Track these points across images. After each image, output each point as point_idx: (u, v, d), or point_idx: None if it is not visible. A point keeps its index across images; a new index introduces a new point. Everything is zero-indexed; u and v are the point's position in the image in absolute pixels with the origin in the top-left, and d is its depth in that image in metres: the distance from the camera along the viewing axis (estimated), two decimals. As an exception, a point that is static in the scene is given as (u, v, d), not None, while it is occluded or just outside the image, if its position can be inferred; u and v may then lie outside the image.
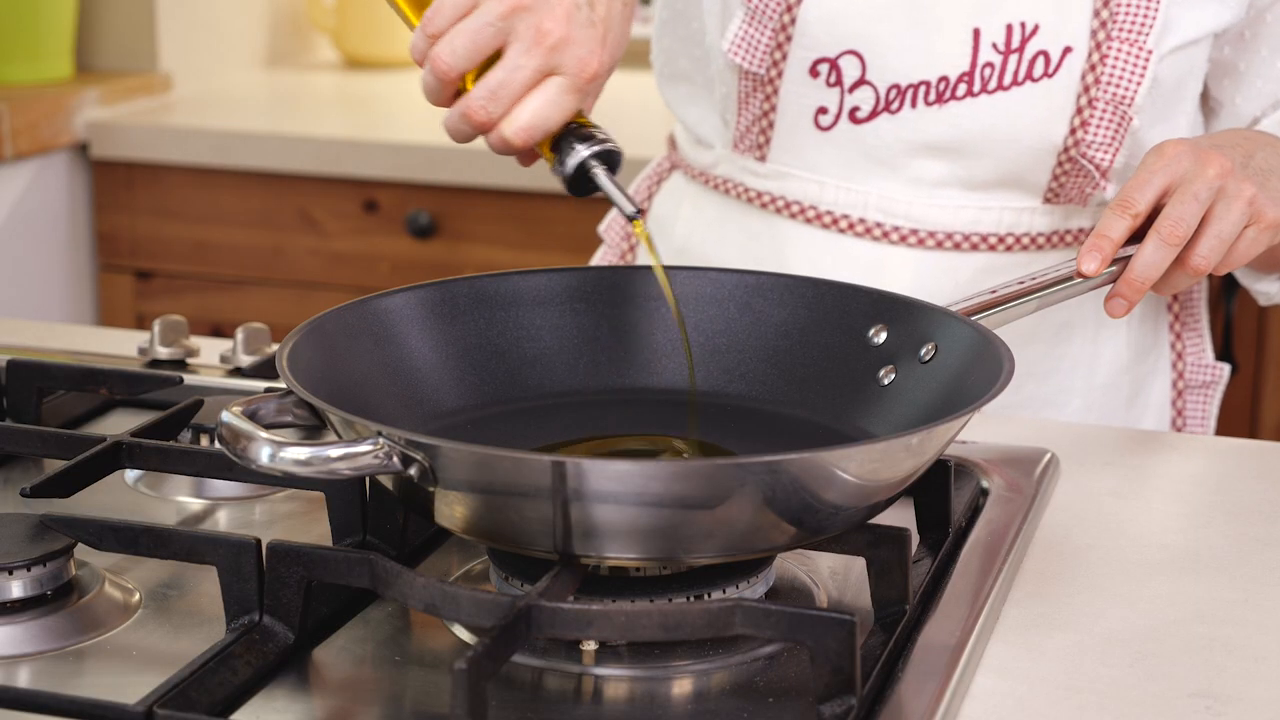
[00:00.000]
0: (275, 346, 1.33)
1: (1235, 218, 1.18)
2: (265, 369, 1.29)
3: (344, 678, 0.90)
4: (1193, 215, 1.17)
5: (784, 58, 1.33)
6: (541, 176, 2.22)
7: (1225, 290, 2.24)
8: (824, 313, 1.09)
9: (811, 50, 1.33)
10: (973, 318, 1.09)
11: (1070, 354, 1.41)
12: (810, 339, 1.10)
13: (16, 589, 0.93)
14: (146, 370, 1.24)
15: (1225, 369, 1.49)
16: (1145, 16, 1.29)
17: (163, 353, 1.31)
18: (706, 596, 0.93)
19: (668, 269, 1.09)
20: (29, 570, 0.93)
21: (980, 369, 0.99)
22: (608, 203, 1.06)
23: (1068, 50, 1.30)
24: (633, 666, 0.90)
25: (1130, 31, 1.29)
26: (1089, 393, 1.42)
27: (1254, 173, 1.20)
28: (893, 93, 1.32)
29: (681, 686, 0.89)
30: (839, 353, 1.08)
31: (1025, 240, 1.36)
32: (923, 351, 1.05)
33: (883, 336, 1.08)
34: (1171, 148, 1.19)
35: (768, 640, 0.91)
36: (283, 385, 0.94)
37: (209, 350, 1.35)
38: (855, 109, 1.34)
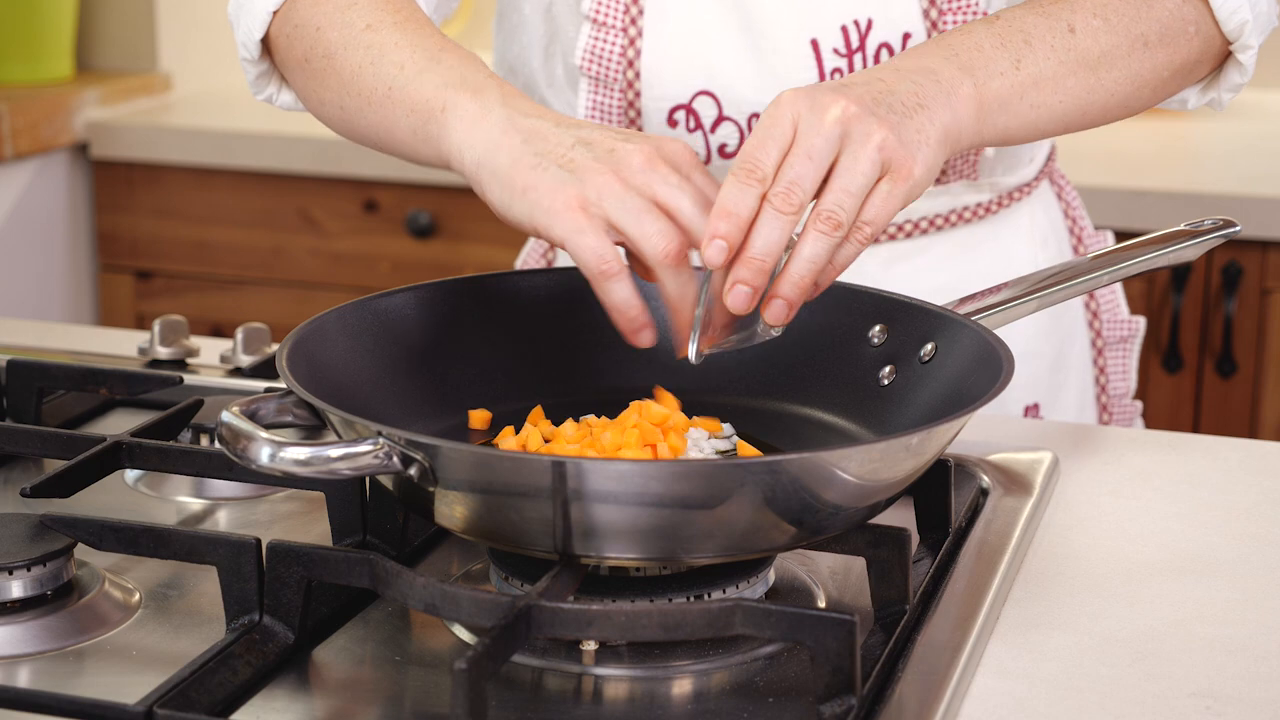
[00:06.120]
0: (275, 346, 1.33)
1: (865, 168, 0.98)
2: (265, 369, 1.29)
3: (344, 678, 0.90)
4: (809, 176, 0.97)
5: (639, 114, 1.32)
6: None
7: (1225, 290, 2.24)
8: (824, 312, 1.09)
9: (663, 101, 1.32)
10: (973, 318, 1.09)
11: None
12: (810, 339, 1.10)
13: (16, 589, 0.93)
14: (146, 370, 1.24)
15: (1140, 321, 1.48)
16: None
17: (163, 353, 1.31)
18: (706, 596, 0.93)
19: None
20: (29, 570, 0.93)
21: (980, 369, 0.99)
22: None
23: (907, 36, 1.29)
24: (633, 666, 0.90)
25: (958, 2, 1.28)
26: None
27: (890, 112, 1.01)
28: (754, 121, 1.31)
29: (681, 686, 0.89)
30: (839, 353, 1.08)
31: (924, 224, 1.36)
32: (923, 351, 1.05)
33: (883, 337, 1.08)
34: (788, 96, 1.00)
35: (768, 640, 0.91)
36: (283, 385, 0.94)
37: (209, 350, 1.35)
38: (723, 145, 1.33)
